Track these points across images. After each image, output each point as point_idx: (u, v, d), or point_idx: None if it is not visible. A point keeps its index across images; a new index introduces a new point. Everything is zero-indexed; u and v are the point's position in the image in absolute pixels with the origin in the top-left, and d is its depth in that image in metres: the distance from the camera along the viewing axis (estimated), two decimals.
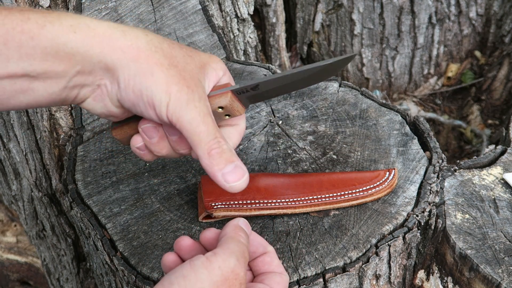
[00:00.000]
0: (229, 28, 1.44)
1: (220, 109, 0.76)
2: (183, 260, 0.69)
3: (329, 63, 0.77)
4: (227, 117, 0.78)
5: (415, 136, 1.06)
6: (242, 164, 0.72)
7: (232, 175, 0.71)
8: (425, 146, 1.05)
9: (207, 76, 0.74)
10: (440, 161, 1.01)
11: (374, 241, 0.89)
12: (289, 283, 0.84)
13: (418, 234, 0.93)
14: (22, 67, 0.64)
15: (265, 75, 1.25)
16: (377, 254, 0.88)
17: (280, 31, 1.75)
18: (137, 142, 0.75)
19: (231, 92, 0.76)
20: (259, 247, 0.70)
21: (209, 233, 0.70)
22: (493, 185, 0.98)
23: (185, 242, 0.69)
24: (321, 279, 0.84)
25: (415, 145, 1.04)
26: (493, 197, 0.96)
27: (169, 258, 0.68)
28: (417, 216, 0.92)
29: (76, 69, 0.67)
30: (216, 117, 0.76)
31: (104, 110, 0.73)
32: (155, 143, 0.74)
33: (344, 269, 0.86)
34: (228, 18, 1.43)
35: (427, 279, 0.98)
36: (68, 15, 0.68)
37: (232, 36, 1.46)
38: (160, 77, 0.68)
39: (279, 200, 0.92)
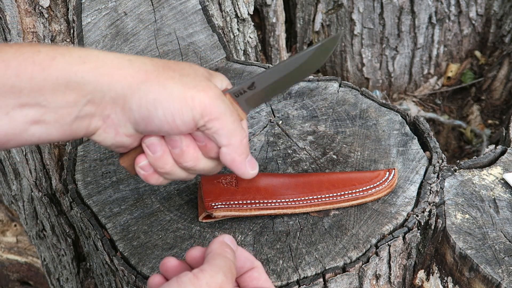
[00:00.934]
0: (229, 28, 1.44)
1: None
2: None
3: (317, 46, 0.77)
4: None
5: (415, 136, 1.06)
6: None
7: (252, 163, 0.78)
8: (425, 146, 1.05)
9: (214, 81, 0.77)
10: (440, 161, 1.01)
11: (374, 241, 0.89)
12: (289, 283, 0.84)
13: (418, 234, 0.93)
14: (34, 97, 0.66)
15: None
16: (377, 254, 0.88)
17: (280, 31, 1.75)
18: (141, 160, 0.76)
19: (229, 94, 0.76)
20: (246, 262, 0.69)
21: (195, 252, 0.69)
22: (493, 185, 0.98)
23: (171, 263, 0.68)
24: (321, 279, 0.84)
25: (415, 145, 1.04)
26: (493, 197, 0.97)
27: (155, 280, 0.68)
28: (417, 216, 0.92)
29: (87, 98, 0.69)
30: None
31: (114, 141, 0.74)
32: (159, 157, 0.75)
33: (344, 269, 0.86)
34: (228, 18, 1.43)
35: (427, 279, 0.98)
36: (76, 48, 0.71)
37: (232, 36, 1.46)
38: (174, 87, 0.70)
39: (279, 200, 0.92)
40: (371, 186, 0.94)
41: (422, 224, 0.93)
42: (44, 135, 0.69)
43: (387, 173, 0.95)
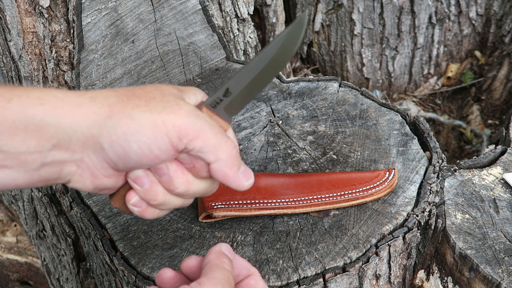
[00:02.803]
0: (229, 28, 1.44)
1: None
2: None
3: (284, 34, 0.72)
4: None
5: (415, 136, 1.06)
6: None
7: (246, 174, 0.72)
8: (425, 146, 1.05)
9: (187, 99, 0.72)
10: (440, 161, 1.01)
11: (374, 241, 0.89)
12: (289, 283, 0.84)
13: (418, 234, 0.93)
14: None
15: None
16: (377, 254, 0.88)
17: (280, 31, 1.75)
18: (131, 197, 0.71)
19: (205, 107, 0.72)
20: (242, 270, 0.68)
21: (191, 261, 0.68)
22: (493, 185, 0.98)
23: (167, 274, 0.66)
24: (321, 279, 0.84)
25: (415, 145, 1.04)
26: (493, 197, 0.96)
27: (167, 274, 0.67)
28: (417, 216, 0.92)
29: (51, 143, 0.64)
30: None
31: (95, 185, 0.69)
32: (148, 189, 0.70)
33: (344, 269, 0.86)
34: (228, 18, 1.43)
35: (427, 279, 0.98)
36: (36, 88, 0.66)
37: (232, 36, 1.46)
38: (142, 116, 0.65)
39: (279, 200, 0.92)
40: (371, 186, 0.94)
41: (422, 224, 0.93)
42: (8, 180, 0.65)
43: (387, 173, 0.95)
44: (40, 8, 1.08)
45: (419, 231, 0.93)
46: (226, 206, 0.90)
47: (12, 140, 0.62)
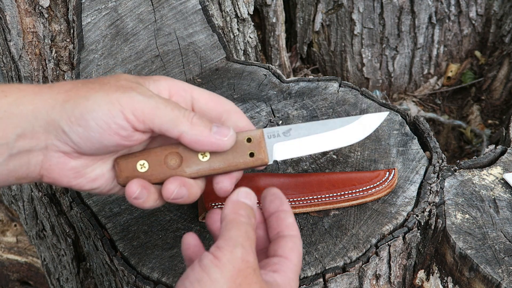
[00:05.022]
0: (229, 28, 1.44)
1: (247, 142, 0.73)
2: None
3: (369, 117, 0.75)
4: (249, 158, 0.74)
5: (415, 136, 1.06)
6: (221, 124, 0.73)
7: (222, 131, 0.71)
8: (425, 146, 1.05)
9: (146, 85, 0.73)
10: (440, 161, 1.01)
11: (374, 241, 0.89)
12: None
13: (418, 234, 0.93)
14: None
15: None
16: (377, 254, 0.88)
17: (280, 31, 1.75)
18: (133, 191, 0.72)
19: (262, 131, 0.73)
20: (275, 201, 0.70)
21: (215, 215, 0.71)
22: (493, 185, 0.98)
23: (191, 241, 0.69)
24: (321, 279, 0.84)
25: (415, 145, 1.04)
26: (493, 197, 0.96)
27: (190, 241, 0.69)
28: (417, 216, 0.92)
29: (16, 133, 0.66)
30: (239, 153, 0.73)
31: (73, 171, 0.70)
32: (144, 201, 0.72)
33: (344, 269, 0.86)
34: (228, 18, 1.43)
35: (427, 279, 0.98)
36: (1, 84, 0.69)
37: (232, 36, 1.46)
38: (97, 95, 0.67)
39: None
40: (371, 186, 0.94)
41: (422, 224, 0.93)
42: None
43: (387, 173, 0.95)
44: (40, 8, 1.08)
45: (419, 231, 0.93)
46: None
47: None
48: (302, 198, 0.92)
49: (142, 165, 0.72)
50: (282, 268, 0.66)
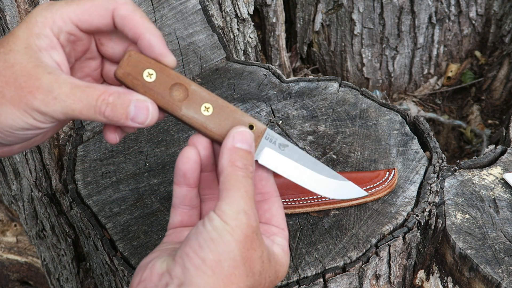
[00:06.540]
0: (229, 28, 1.44)
1: (248, 128, 0.70)
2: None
3: (347, 182, 0.74)
4: None
5: (415, 136, 1.06)
6: (139, 96, 0.65)
7: (139, 116, 0.65)
8: (425, 146, 1.05)
9: (36, 41, 0.64)
10: (440, 161, 1.01)
11: (374, 241, 0.89)
12: (289, 283, 0.84)
13: (418, 234, 0.93)
14: None
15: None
16: (377, 254, 0.88)
17: (280, 31, 1.75)
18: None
19: (265, 128, 0.71)
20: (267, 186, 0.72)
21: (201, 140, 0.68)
22: (493, 185, 0.98)
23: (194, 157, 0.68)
24: (321, 279, 0.84)
25: (415, 145, 1.04)
26: (493, 197, 0.96)
27: (191, 155, 0.67)
28: (417, 216, 0.92)
29: None
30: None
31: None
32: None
33: (344, 269, 0.86)
34: (228, 18, 1.43)
35: (427, 279, 0.98)
36: None
37: (232, 36, 1.46)
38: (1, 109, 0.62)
39: None
40: (371, 186, 0.94)
41: (422, 224, 0.93)
42: None
43: (387, 173, 0.95)
44: None
45: (419, 231, 0.93)
46: None
47: None
48: (302, 198, 0.92)
49: (150, 75, 0.67)
50: (282, 242, 0.68)
